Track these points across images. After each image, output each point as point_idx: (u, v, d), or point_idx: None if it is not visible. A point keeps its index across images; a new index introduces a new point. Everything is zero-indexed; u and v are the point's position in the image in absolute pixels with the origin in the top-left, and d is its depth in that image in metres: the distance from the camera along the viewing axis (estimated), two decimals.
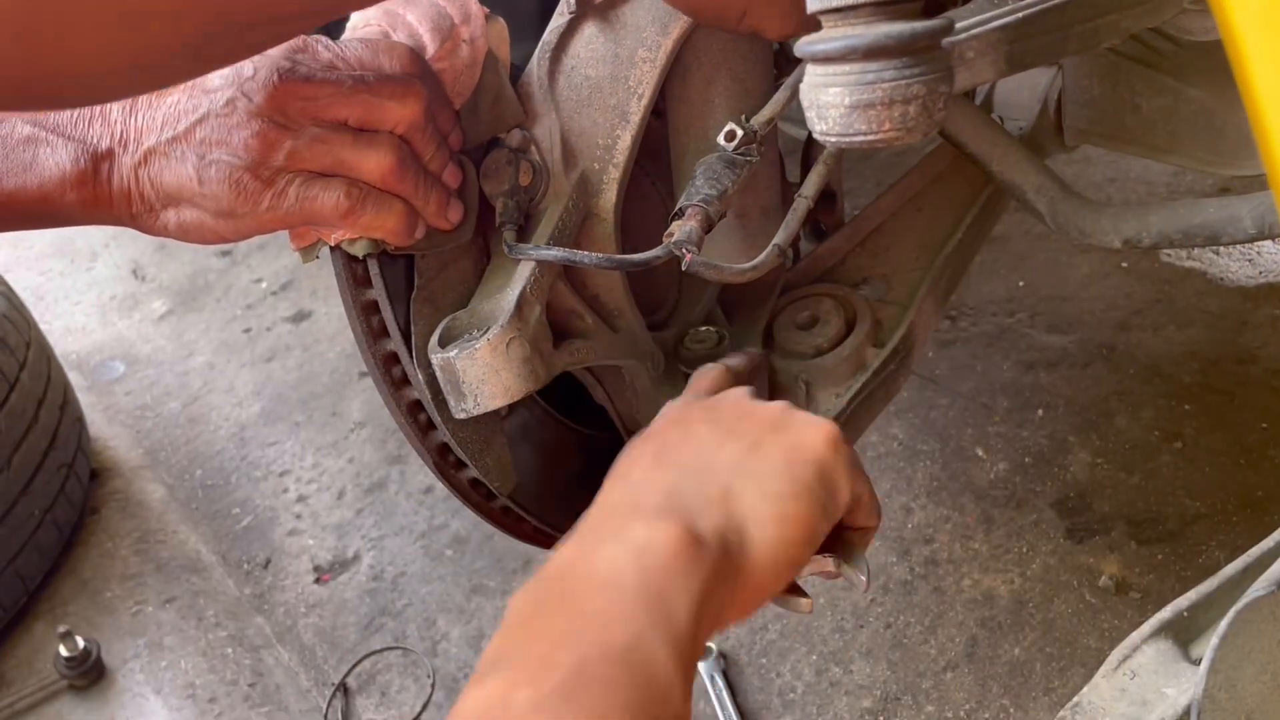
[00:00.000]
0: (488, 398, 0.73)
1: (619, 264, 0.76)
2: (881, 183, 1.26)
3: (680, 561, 0.50)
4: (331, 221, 0.70)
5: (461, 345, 0.72)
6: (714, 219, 0.76)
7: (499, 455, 0.84)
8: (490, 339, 0.71)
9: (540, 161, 0.80)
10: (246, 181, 0.68)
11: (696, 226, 0.74)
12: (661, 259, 0.74)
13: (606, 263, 0.76)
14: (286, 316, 2.45)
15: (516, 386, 0.73)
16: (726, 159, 0.77)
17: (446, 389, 0.74)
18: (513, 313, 0.73)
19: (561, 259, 0.75)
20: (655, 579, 0.49)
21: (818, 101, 0.59)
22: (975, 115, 1.02)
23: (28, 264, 2.86)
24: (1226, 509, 1.47)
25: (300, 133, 0.67)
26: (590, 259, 0.75)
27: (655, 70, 0.79)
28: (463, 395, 0.73)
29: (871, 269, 1.10)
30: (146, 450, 2.08)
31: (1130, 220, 0.95)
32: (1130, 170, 2.20)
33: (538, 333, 0.75)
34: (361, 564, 1.74)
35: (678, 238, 0.73)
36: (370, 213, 0.70)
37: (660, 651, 0.46)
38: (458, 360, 0.72)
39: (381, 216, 0.70)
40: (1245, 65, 0.27)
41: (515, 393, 0.73)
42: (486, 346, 0.71)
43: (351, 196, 0.68)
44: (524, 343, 0.73)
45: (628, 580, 0.49)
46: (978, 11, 0.78)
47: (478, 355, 0.71)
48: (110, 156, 0.68)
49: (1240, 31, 0.26)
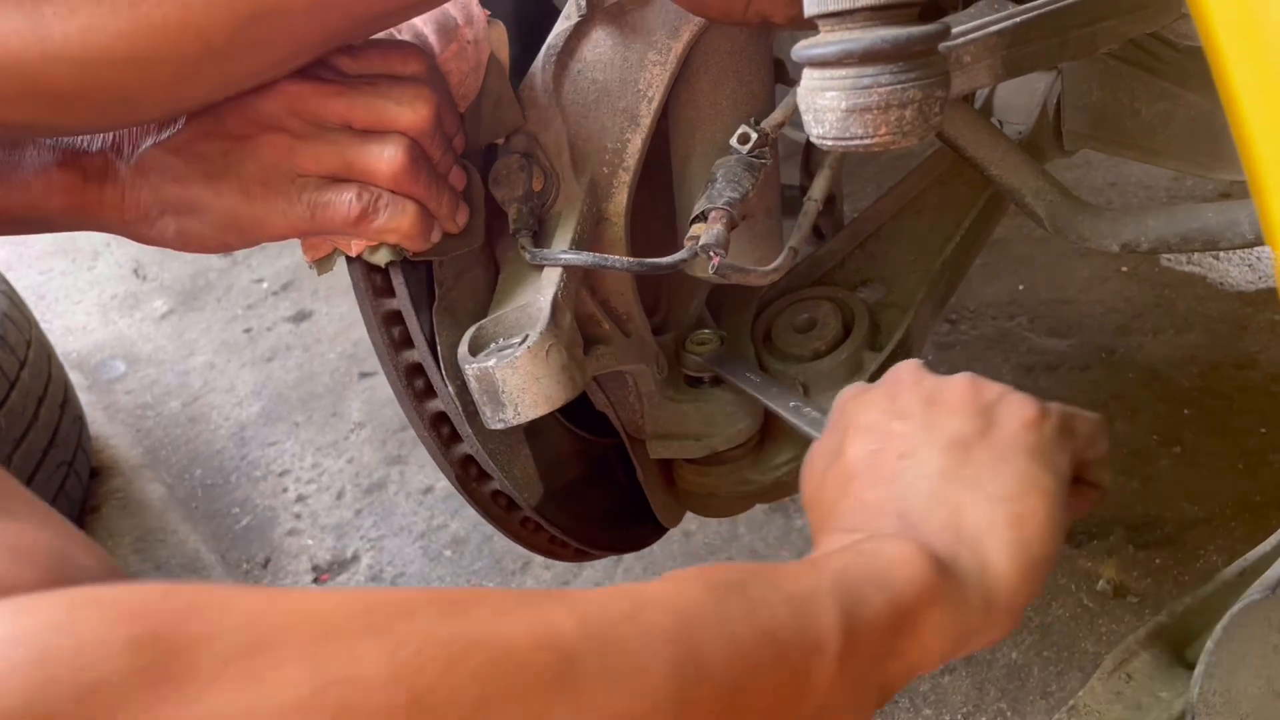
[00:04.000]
0: (529, 406, 0.70)
1: (649, 268, 0.74)
2: (881, 186, 1.26)
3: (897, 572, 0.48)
4: (345, 228, 0.68)
5: (499, 354, 0.70)
6: (736, 221, 0.75)
7: (525, 466, 0.82)
8: (531, 346, 0.69)
9: (549, 166, 0.80)
10: (255, 189, 0.66)
11: (722, 229, 0.73)
12: (689, 261, 0.73)
13: (638, 266, 0.74)
14: (287, 316, 2.45)
15: (558, 394, 0.71)
16: (745, 161, 0.77)
17: (482, 399, 0.72)
18: (550, 319, 0.71)
19: (591, 263, 0.74)
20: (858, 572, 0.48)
21: (814, 105, 0.59)
22: (974, 119, 1.02)
23: (29, 262, 2.87)
24: (1225, 513, 1.47)
25: (309, 137, 0.66)
26: (621, 263, 0.74)
27: (665, 73, 0.79)
28: (501, 405, 0.71)
29: (870, 272, 1.10)
30: (147, 449, 2.09)
31: (1128, 224, 0.95)
32: (1130, 174, 2.20)
33: (572, 339, 0.74)
34: (360, 564, 1.74)
35: (704, 240, 0.73)
36: (385, 216, 0.67)
37: (829, 614, 0.45)
38: (497, 369, 0.69)
39: (396, 219, 0.68)
40: (1225, 73, 0.27)
41: (556, 400, 0.71)
42: (528, 354, 0.69)
43: (364, 200, 0.66)
44: (561, 349, 0.71)
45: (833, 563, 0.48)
46: (975, 16, 0.78)
47: (519, 363, 0.69)
48: (103, 161, 0.66)
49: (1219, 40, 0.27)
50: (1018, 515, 0.53)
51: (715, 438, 0.94)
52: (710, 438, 0.94)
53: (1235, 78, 0.27)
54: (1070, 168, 2.16)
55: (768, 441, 1.00)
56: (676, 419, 0.95)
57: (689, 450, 0.95)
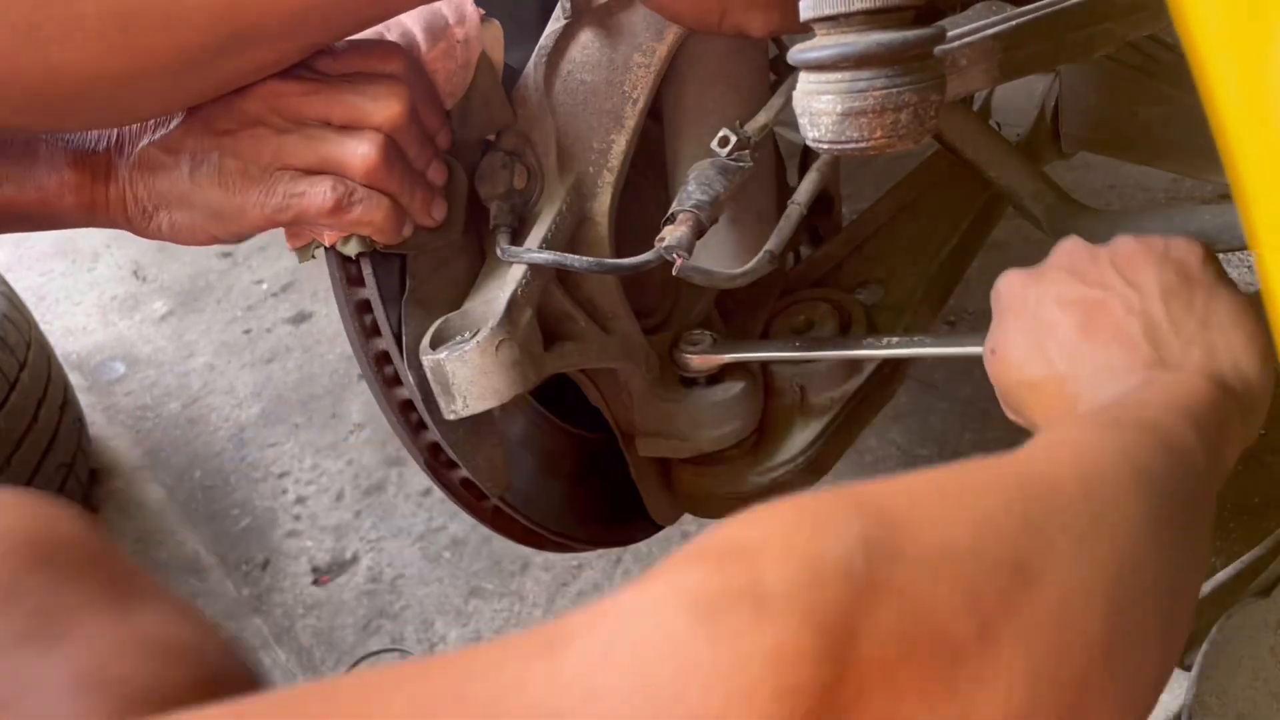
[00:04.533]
0: (476, 399, 0.74)
1: (609, 268, 0.77)
2: (879, 188, 1.27)
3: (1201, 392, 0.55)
4: (319, 218, 0.71)
5: (451, 347, 0.73)
6: (705, 224, 0.76)
7: (490, 456, 0.84)
8: (480, 342, 0.72)
9: (535, 165, 0.81)
10: (235, 181, 0.69)
11: (688, 231, 0.74)
12: (652, 263, 0.74)
13: (596, 266, 0.77)
14: (287, 318, 2.45)
15: (505, 389, 0.74)
16: (719, 165, 0.78)
17: (437, 390, 0.75)
18: (503, 315, 0.73)
19: (552, 262, 0.76)
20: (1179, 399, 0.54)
21: (810, 109, 0.60)
22: (972, 121, 1.02)
23: (29, 264, 2.87)
24: (1223, 515, 1.47)
25: (289, 133, 0.69)
26: (581, 263, 0.76)
27: (650, 75, 0.79)
28: (452, 396, 0.74)
29: (868, 273, 1.10)
30: (146, 451, 2.09)
31: (1125, 227, 0.95)
32: (1129, 176, 2.20)
33: (528, 335, 0.76)
34: (360, 566, 1.74)
35: (668, 242, 0.74)
36: (357, 209, 0.70)
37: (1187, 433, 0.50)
38: (447, 362, 0.72)
39: (369, 213, 0.71)
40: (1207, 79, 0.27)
41: (504, 395, 0.74)
42: (476, 349, 0.72)
43: (337, 192, 0.69)
44: (513, 345, 0.73)
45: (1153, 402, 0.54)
46: (973, 19, 0.78)
47: (468, 357, 0.72)
48: (107, 161, 0.69)
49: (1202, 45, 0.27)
50: (1250, 333, 0.61)
51: (701, 439, 0.95)
52: (696, 438, 0.95)
53: (1217, 84, 0.27)
54: (1070, 169, 2.16)
55: (765, 443, 1.00)
56: (665, 418, 0.95)
57: (676, 450, 0.96)
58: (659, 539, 1.15)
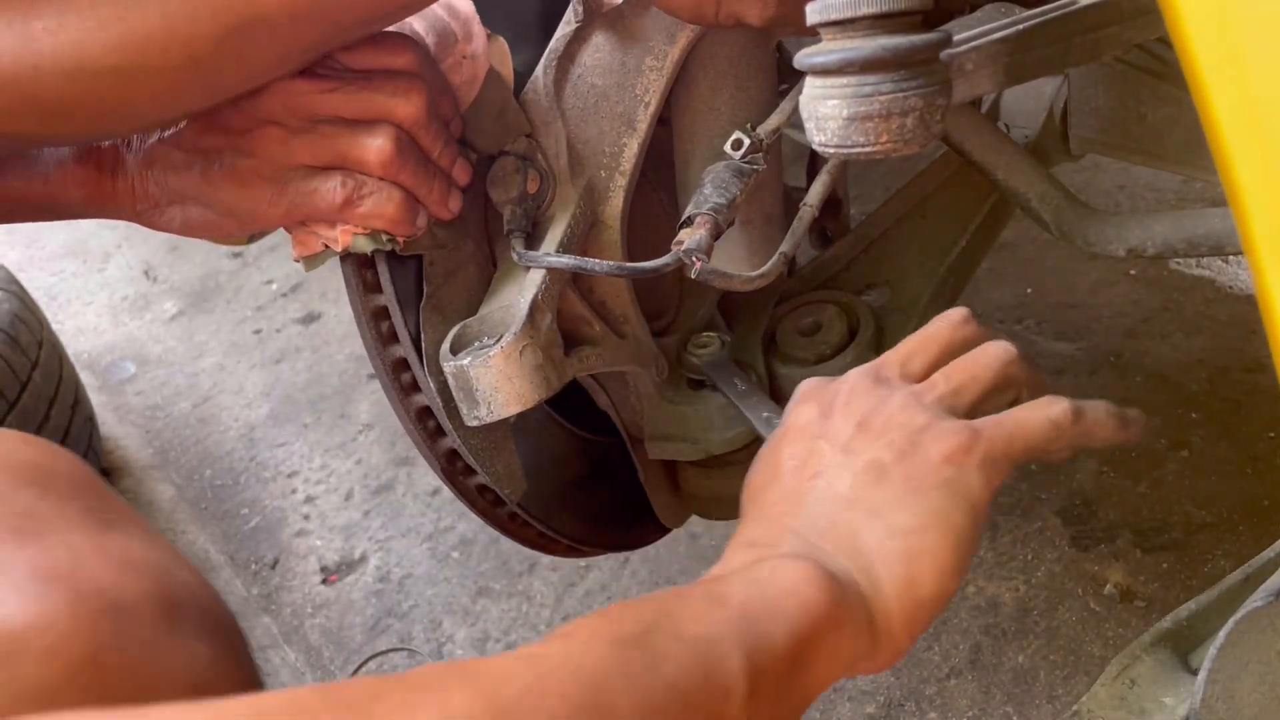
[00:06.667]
0: (501, 405, 0.73)
1: (630, 271, 0.76)
2: (888, 189, 1.27)
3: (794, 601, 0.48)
4: (331, 213, 0.71)
5: (475, 353, 0.72)
6: (723, 227, 0.76)
7: (508, 461, 0.84)
8: (504, 346, 0.71)
9: (547, 169, 0.81)
10: (249, 177, 0.69)
11: (706, 234, 0.74)
12: (671, 266, 0.74)
13: (617, 270, 0.76)
14: (296, 318, 2.46)
15: (530, 394, 0.73)
16: (734, 167, 0.78)
17: (459, 396, 0.74)
18: (526, 320, 0.73)
19: (573, 266, 0.75)
20: (757, 605, 0.48)
21: (816, 113, 0.60)
22: (980, 123, 1.02)
23: (41, 264, 2.89)
24: (1233, 518, 1.47)
25: (303, 130, 0.69)
26: (601, 266, 0.75)
27: (662, 79, 0.79)
28: (476, 403, 0.73)
29: (875, 276, 1.10)
30: (156, 450, 2.10)
31: (1134, 229, 0.95)
32: (1139, 178, 2.19)
33: (549, 340, 0.75)
34: (368, 565, 1.75)
35: (687, 246, 0.74)
36: (368, 202, 0.70)
37: (732, 658, 0.44)
38: (471, 368, 0.72)
39: (380, 205, 0.70)
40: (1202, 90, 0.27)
41: (529, 400, 0.73)
42: (500, 354, 0.71)
43: (349, 186, 0.69)
44: (537, 350, 0.73)
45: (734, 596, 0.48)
46: (981, 22, 0.78)
47: (492, 363, 0.71)
48: (114, 154, 0.69)
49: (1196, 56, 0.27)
50: (913, 551, 0.52)
51: (711, 441, 0.95)
52: (706, 441, 0.95)
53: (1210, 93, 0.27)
54: (1079, 171, 2.15)
55: None
56: (674, 421, 0.95)
57: (684, 452, 0.95)
58: (665, 541, 1.16)
